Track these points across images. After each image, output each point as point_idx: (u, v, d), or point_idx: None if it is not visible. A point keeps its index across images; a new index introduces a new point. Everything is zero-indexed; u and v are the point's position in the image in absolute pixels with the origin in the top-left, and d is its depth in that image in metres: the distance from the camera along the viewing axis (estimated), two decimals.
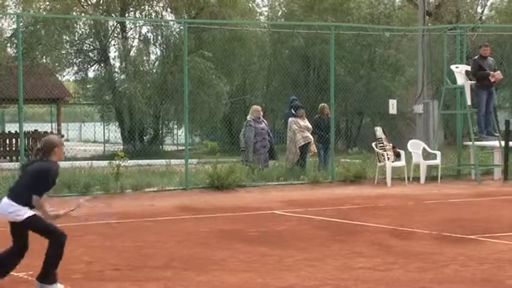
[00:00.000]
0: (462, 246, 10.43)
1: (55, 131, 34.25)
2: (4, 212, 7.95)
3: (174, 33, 32.69)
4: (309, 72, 32.98)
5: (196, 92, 28.79)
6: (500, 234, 11.31)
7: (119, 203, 15.40)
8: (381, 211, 14.24)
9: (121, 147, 31.96)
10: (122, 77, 32.44)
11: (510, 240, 10.83)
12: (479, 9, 38.71)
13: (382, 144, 19.11)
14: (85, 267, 9.23)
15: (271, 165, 19.32)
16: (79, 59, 33.45)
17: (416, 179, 19.06)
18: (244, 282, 8.39)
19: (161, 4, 34.06)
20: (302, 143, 19.13)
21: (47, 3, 32.41)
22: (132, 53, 33.15)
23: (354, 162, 20.51)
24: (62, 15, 29.78)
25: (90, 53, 33.76)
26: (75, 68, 33.57)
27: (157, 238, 11.30)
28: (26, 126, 25.93)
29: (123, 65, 32.59)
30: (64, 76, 35.31)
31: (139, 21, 33.88)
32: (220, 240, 11.17)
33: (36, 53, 30.93)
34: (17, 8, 32.56)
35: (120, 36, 33.22)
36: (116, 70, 33.38)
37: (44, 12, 32.01)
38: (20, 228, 7.91)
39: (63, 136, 34.02)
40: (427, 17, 29.47)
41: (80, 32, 33.28)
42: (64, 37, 32.42)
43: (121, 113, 32.63)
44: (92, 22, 32.35)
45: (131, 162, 18.65)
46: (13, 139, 30.60)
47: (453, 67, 19.89)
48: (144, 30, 33.54)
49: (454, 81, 19.83)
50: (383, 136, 19.31)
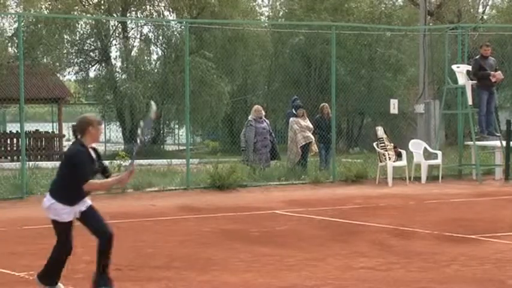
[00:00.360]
0: (463, 246, 10.43)
1: (56, 131, 34.27)
2: (43, 207, 7.48)
3: (176, 33, 32.70)
4: (310, 72, 32.98)
5: (197, 92, 28.79)
6: (501, 234, 11.31)
7: (120, 203, 15.41)
8: (382, 211, 14.24)
9: (122, 147, 31.96)
10: (123, 77, 32.44)
11: (511, 240, 10.83)
12: (480, 9, 38.74)
13: (383, 144, 19.10)
14: (86, 267, 9.22)
15: (273, 165, 19.33)
16: (80, 59, 33.46)
17: (417, 179, 19.06)
18: (245, 282, 8.39)
19: (162, 4, 34.09)
20: (303, 143, 19.14)
21: (48, 2, 32.42)
22: (134, 53, 33.18)
23: (355, 162, 20.50)
24: (63, 14, 29.79)
25: (91, 53, 33.77)
26: (76, 68, 33.62)
27: (158, 238, 11.30)
28: (27, 126, 25.85)
29: (124, 65, 32.62)
30: (65, 76, 35.36)
31: (140, 21, 33.89)
32: (221, 240, 11.17)
33: (37, 53, 30.93)
34: (18, 8, 32.57)
35: (121, 36, 33.22)
36: (117, 70, 33.40)
37: (46, 11, 32.03)
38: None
39: (64, 136, 33.99)
40: (429, 17, 29.52)
41: (81, 32, 33.29)
42: (65, 37, 32.41)
43: (122, 113, 32.65)
44: (93, 22, 32.36)
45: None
46: (14, 139, 30.61)
47: (454, 67, 19.88)
48: (146, 30, 33.61)
49: (456, 81, 19.82)
50: (384, 136, 19.30)
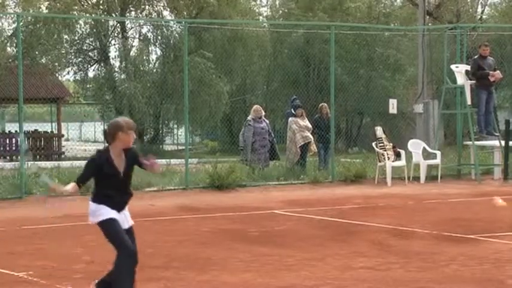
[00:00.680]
0: (462, 245, 10.43)
1: (55, 131, 34.26)
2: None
3: (175, 33, 32.68)
4: (309, 72, 32.98)
5: (196, 92, 28.78)
6: (500, 233, 11.32)
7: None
8: (381, 211, 14.24)
9: None
10: (122, 77, 32.41)
11: (510, 239, 10.84)
12: (479, 9, 38.76)
13: (382, 143, 19.11)
14: (85, 266, 9.23)
15: (272, 165, 19.33)
16: (79, 59, 33.44)
17: (416, 179, 19.06)
18: (244, 282, 8.39)
19: (161, 4, 34.08)
20: (302, 143, 19.14)
21: (47, 2, 32.40)
22: (132, 53, 33.15)
23: (354, 162, 20.51)
24: (62, 14, 29.76)
25: (90, 53, 33.75)
26: (75, 68, 33.57)
27: (157, 238, 11.29)
28: (26, 125, 25.89)
29: (123, 65, 32.58)
30: (64, 76, 35.29)
31: (139, 21, 33.86)
32: (220, 240, 11.17)
33: (36, 53, 30.90)
34: (17, 8, 32.55)
35: (120, 35, 33.20)
36: (116, 70, 33.36)
37: (45, 11, 32.02)
38: None
39: (63, 136, 34.02)
40: (427, 17, 29.53)
41: (80, 32, 33.26)
42: (64, 37, 32.39)
43: (121, 113, 32.53)
44: (92, 22, 32.34)
45: None
46: (13, 139, 30.60)
47: (453, 67, 19.89)
48: (144, 30, 33.56)
49: (454, 80, 19.83)
50: (383, 136, 19.31)
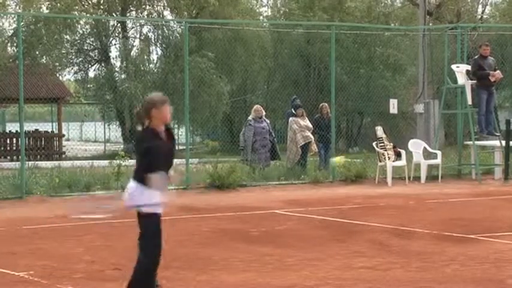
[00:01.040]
0: (462, 245, 10.43)
1: (56, 131, 34.25)
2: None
3: (175, 33, 32.69)
4: (310, 71, 32.97)
5: (197, 92, 28.78)
6: (500, 233, 11.31)
7: (120, 203, 15.38)
8: (382, 211, 14.24)
9: (122, 146, 31.95)
10: (123, 77, 32.40)
11: (510, 239, 10.83)
12: (480, 8, 38.74)
13: (382, 143, 19.10)
14: (86, 266, 9.23)
15: (272, 164, 19.32)
16: (80, 59, 33.44)
17: (416, 179, 19.06)
18: (244, 282, 8.39)
19: (162, 4, 34.07)
20: (302, 143, 19.14)
21: (48, 2, 32.41)
22: (133, 53, 33.15)
23: (355, 161, 20.51)
24: (63, 14, 29.76)
25: (90, 53, 33.75)
26: (75, 68, 33.60)
27: None
28: (27, 125, 25.85)
29: (123, 65, 32.58)
30: (65, 75, 35.34)
31: (140, 20, 33.86)
32: (220, 240, 11.17)
33: (36, 53, 30.90)
34: (18, 8, 32.56)
35: (121, 35, 33.20)
36: (117, 70, 33.37)
37: (45, 11, 32.02)
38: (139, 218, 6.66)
39: (63, 135, 33.99)
40: (428, 17, 29.51)
41: (81, 32, 33.27)
42: (65, 36, 32.40)
43: (122, 113, 32.62)
44: (93, 21, 32.34)
45: (132, 161, 18.61)
46: (13, 138, 30.60)
47: (454, 67, 19.88)
48: (145, 29, 33.57)
49: (455, 80, 19.82)
50: (384, 136, 19.30)
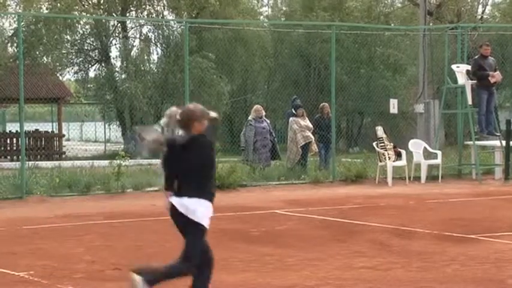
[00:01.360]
0: (463, 245, 10.42)
1: (56, 131, 34.25)
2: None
3: (175, 32, 32.70)
4: (310, 71, 32.97)
5: (197, 92, 28.76)
6: (501, 233, 11.30)
7: (120, 203, 15.41)
8: (382, 211, 14.23)
9: (122, 146, 31.95)
10: (123, 77, 32.42)
11: (511, 239, 10.82)
12: (480, 8, 38.73)
13: (383, 143, 19.09)
14: (86, 266, 9.23)
15: (273, 164, 19.32)
16: (80, 59, 33.47)
17: (417, 179, 19.05)
18: (244, 281, 8.39)
19: (162, 4, 34.07)
20: (302, 143, 19.13)
21: (48, 2, 32.42)
22: (133, 53, 33.16)
23: (355, 161, 20.50)
24: (63, 14, 29.78)
25: (91, 53, 33.77)
26: (76, 68, 33.63)
27: (158, 237, 11.27)
28: (27, 125, 25.87)
29: (124, 65, 32.60)
30: (65, 75, 35.37)
31: (140, 20, 33.87)
32: (220, 239, 11.15)
33: (37, 53, 30.93)
34: (18, 8, 32.57)
35: (121, 35, 33.21)
36: (117, 70, 33.39)
37: (46, 11, 32.03)
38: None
39: (64, 135, 33.99)
40: (428, 17, 29.50)
41: (81, 32, 33.29)
42: (65, 36, 32.42)
43: (122, 113, 32.63)
44: (93, 21, 32.36)
45: (132, 161, 18.64)
46: (14, 138, 30.60)
47: (454, 67, 19.87)
48: (145, 29, 33.60)
49: (455, 80, 19.81)
50: (384, 136, 19.29)
